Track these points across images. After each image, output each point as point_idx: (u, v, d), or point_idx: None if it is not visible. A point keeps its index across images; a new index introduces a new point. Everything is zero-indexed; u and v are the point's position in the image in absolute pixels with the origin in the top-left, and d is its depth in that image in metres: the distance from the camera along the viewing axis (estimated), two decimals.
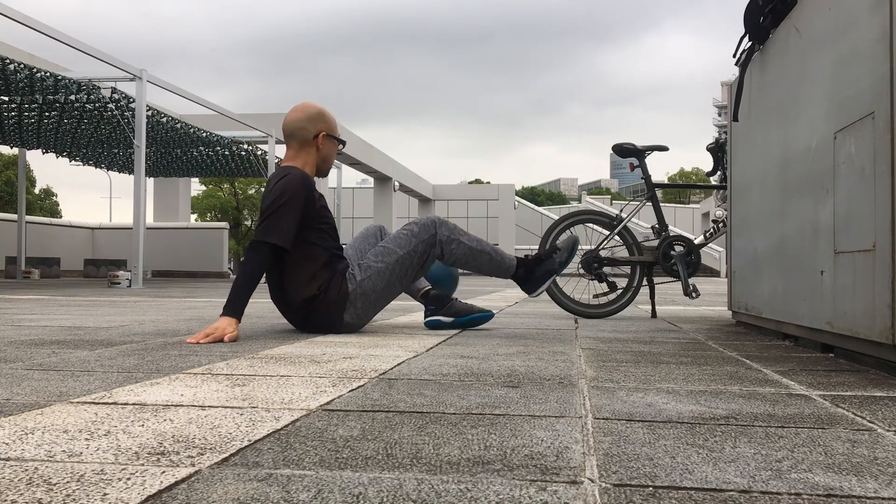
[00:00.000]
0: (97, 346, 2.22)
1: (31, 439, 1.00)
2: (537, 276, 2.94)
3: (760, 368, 1.85)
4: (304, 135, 2.78)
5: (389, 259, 2.73)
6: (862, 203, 1.81)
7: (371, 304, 2.74)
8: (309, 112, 2.82)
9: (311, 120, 2.80)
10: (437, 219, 2.83)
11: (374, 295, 2.72)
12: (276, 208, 2.57)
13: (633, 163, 3.87)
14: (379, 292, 2.73)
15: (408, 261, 2.75)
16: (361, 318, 2.75)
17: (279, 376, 1.61)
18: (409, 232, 2.78)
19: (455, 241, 2.80)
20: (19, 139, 11.10)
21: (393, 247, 2.76)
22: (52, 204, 42.73)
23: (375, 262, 2.74)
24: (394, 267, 2.73)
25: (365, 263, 2.74)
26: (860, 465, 0.92)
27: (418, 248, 2.76)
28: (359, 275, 2.70)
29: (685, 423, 1.16)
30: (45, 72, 7.66)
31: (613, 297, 3.81)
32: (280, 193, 2.60)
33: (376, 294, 2.73)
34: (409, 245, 2.76)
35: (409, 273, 2.78)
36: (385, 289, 2.74)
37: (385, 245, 2.78)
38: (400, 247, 2.76)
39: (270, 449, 0.97)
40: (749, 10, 2.80)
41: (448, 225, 2.83)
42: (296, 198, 2.60)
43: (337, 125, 2.89)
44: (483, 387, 1.50)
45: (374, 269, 2.72)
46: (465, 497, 0.77)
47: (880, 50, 1.71)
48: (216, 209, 40.26)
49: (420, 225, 2.80)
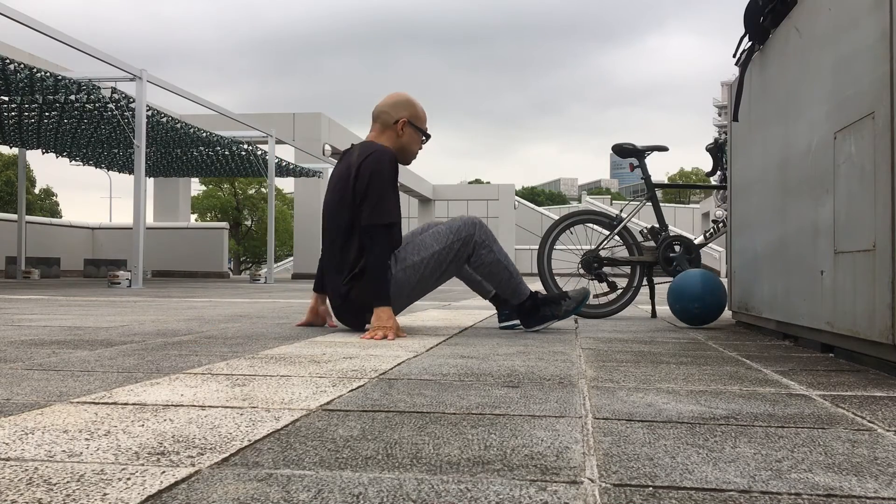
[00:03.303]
0: (97, 346, 2.22)
1: (31, 439, 1.00)
2: (540, 314, 2.92)
3: (760, 368, 1.85)
4: (385, 118, 2.83)
5: (425, 253, 2.76)
6: (862, 203, 1.81)
7: (403, 296, 2.77)
8: (396, 98, 2.87)
9: (396, 106, 2.84)
10: (478, 221, 2.85)
11: (406, 288, 2.75)
12: (376, 189, 2.61)
13: (633, 163, 3.87)
14: (413, 285, 2.77)
15: (443, 257, 2.77)
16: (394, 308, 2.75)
17: (279, 376, 1.61)
18: (448, 228, 2.81)
19: (487, 248, 2.81)
20: (19, 139, 11.09)
21: (430, 241, 2.78)
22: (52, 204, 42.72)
23: (412, 255, 2.76)
24: (428, 261, 2.76)
25: (401, 255, 2.76)
26: (860, 465, 0.92)
27: (454, 245, 2.77)
28: (394, 267, 2.73)
29: (685, 423, 1.16)
30: (45, 72, 7.66)
31: (613, 297, 3.81)
32: (374, 172, 2.63)
33: (409, 287, 2.76)
34: (446, 241, 2.78)
35: (443, 268, 2.79)
36: (418, 283, 2.78)
37: (423, 239, 2.80)
38: (437, 242, 2.78)
39: (270, 449, 0.97)
40: (749, 10, 2.80)
41: (486, 230, 2.84)
42: (388, 174, 2.65)
43: (426, 118, 2.91)
44: (483, 387, 1.50)
45: (409, 262, 2.75)
46: (465, 497, 0.77)
47: (880, 50, 1.71)
48: (216, 209, 40.24)
49: (461, 221, 2.83)
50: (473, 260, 2.81)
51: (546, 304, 2.92)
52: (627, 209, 4.03)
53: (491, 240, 2.83)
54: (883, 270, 1.68)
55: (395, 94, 2.90)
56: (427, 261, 2.75)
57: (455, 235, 2.78)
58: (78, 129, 10.38)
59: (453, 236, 2.78)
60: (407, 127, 2.83)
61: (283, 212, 37.10)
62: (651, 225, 3.89)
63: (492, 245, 2.82)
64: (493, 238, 2.85)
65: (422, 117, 2.89)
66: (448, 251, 2.77)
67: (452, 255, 2.78)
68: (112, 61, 7.91)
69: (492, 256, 2.81)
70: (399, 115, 2.82)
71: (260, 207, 39.75)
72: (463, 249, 2.78)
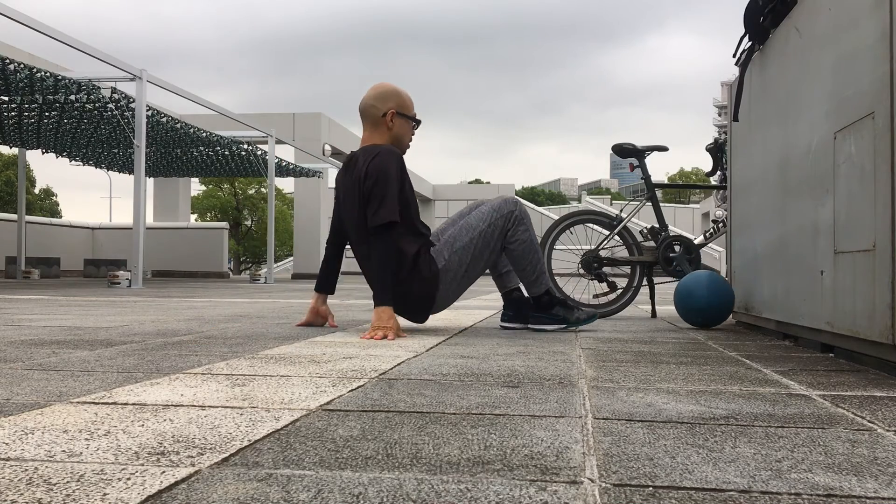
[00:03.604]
0: (97, 346, 2.22)
1: (31, 439, 1.00)
2: (552, 313, 2.92)
3: (760, 368, 1.85)
4: (373, 113, 2.82)
5: (473, 233, 2.82)
6: (862, 203, 1.81)
7: (458, 279, 2.83)
8: (379, 90, 2.85)
9: (381, 98, 2.82)
10: (518, 199, 2.92)
11: (461, 270, 2.81)
12: (379, 193, 2.63)
13: (632, 163, 3.87)
14: (466, 266, 2.82)
15: (489, 235, 2.82)
16: (450, 295, 2.85)
17: (279, 376, 1.61)
18: (490, 206, 2.87)
19: (524, 227, 2.86)
20: (19, 139, 11.09)
21: (476, 222, 2.84)
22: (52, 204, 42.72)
23: (461, 237, 2.82)
24: (477, 241, 2.82)
25: (449, 240, 2.82)
26: (860, 465, 0.92)
27: (498, 222, 2.83)
28: (446, 252, 2.79)
29: (685, 423, 1.16)
30: (45, 72, 7.66)
31: (613, 297, 3.81)
32: (379, 175, 2.64)
33: (463, 269, 2.81)
34: (490, 218, 2.83)
35: (490, 247, 2.84)
36: (471, 264, 2.83)
37: (468, 221, 2.86)
38: (482, 221, 2.83)
39: (270, 449, 0.97)
40: (749, 10, 2.80)
41: (525, 209, 2.90)
42: (393, 176, 2.66)
43: (412, 104, 2.90)
44: (483, 387, 1.50)
45: (459, 244, 2.81)
46: (465, 497, 0.77)
47: (880, 50, 1.71)
48: (216, 209, 40.24)
49: (502, 199, 2.89)
50: (510, 235, 2.84)
51: (561, 306, 2.93)
52: (627, 209, 4.03)
53: (528, 220, 2.89)
54: (883, 270, 1.68)
55: (377, 85, 2.87)
56: (475, 240, 2.81)
57: (497, 212, 2.83)
58: (78, 129, 10.38)
59: (496, 213, 2.83)
60: (396, 118, 2.81)
61: (283, 212, 37.10)
62: (651, 225, 3.89)
63: (528, 225, 2.88)
64: (530, 219, 2.90)
65: (408, 104, 2.87)
66: (493, 228, 2.82)
67: (497, 232, 2.83)
68: (112, 61, 7.91)
69: (527, 235, 2.86)
70: (386, 107, 2.80)
71: (260, 207, 39.76)
72: (505, 225, 2.84)
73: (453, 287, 2.83)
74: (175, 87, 9.22)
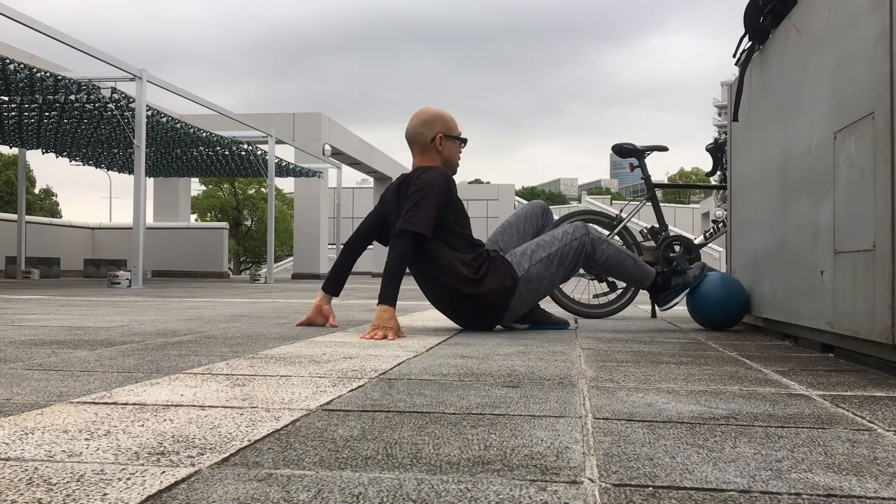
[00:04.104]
0: (97, 346, 2.22)
1: (31, 439, 1.00)
2: (673, 286, 3.10)
3: (760, 368, 1.85)
4: (422, 140, 2.91)
5: (552, 249, 2.90)
6: (862, 203, 1.81)
7: (534, 291, 2.88)
8: (423, 117, 2.94)
9: (427, 124, 2.92)
10: (588, 225, 3.01)
11: (538, 283, 2.87)
12: (417, 199, 2.69)
13: (632, 163, 3.87)
14: (543, 280, 2.88)
15: (566, 254, 2.91)
16: (523, 305, 2.89)
17: (279, 376, 1.61)
18: (564, 231, 2.96)
19: (605, 242, 2.97)
20: (19, 139, 11.09)
21: (550, 240, 2.93)
22: (52, 204, 42.71)
23: (538, 251, 2.90)
24: (554, 257, 2.90)
25: (527, 252, 2.90)
26: (860, 465, 0.92)
27: (573, 244, 2.92)
28: (525, 263, 2.86)
29: (685, 423, 1.16)
30: (45, 72, 7.66)
31: (613, 297, 3.81)
32: (423, 185, 2.72)
33: (540, 281, 2.87)
34: (565, 240, 2.92)
35: (566, 267, 2.93)
36: (548, 279, 2.90)
37: (544, 238, 2.95)
38: (558, 240, 2.93)
39: (270, 449, 0.97)
40: (749, 10, 2.80)
41: (596, 233, 2.99)
42: (437, 189, 2.72)
43: (455, 123, 2.97)
44: (483, 387, 1.50)
45: (540, 256, 2.88)
46: (465, 497, 0.77)
47: (880, 50, 1.71)
48: (216, 209, 40.24)
49: (572, 225, 2.98)
50: (598, 255, 2.94)
51: (675, 275, 3.11)
52: (627, 209, 4.03)
53: (600, 237, 2.98)
54: (883, 270, 1.68)
55: (421, 111, 2.98)
56: (553, 257, 2.89)
57: (571, 236, 2.92)
58: (78, 129, 10.38)
59: (570, 237, 2.92)
60: (445, 140, 2.91)
61: (283, 212, 37.10)
62: (651, 225, 3.89)
63: (606, 239, 2.99)
64: (603, 237, 3.00)
65: (453, 126, 2.96)
66: (568, 249, 2.91)
67: (572, 254, 2.92)
68: (112, 61, 7.91)
69: (612, 249, 2.97)
70: (434, 132, 2.90)
71: (260, 207, 39.76)
72: (581, 249, 2.92)
73: (527, 298, 2.88)
74: (175, 87, 9.22)
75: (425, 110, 2.98)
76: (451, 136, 2.93)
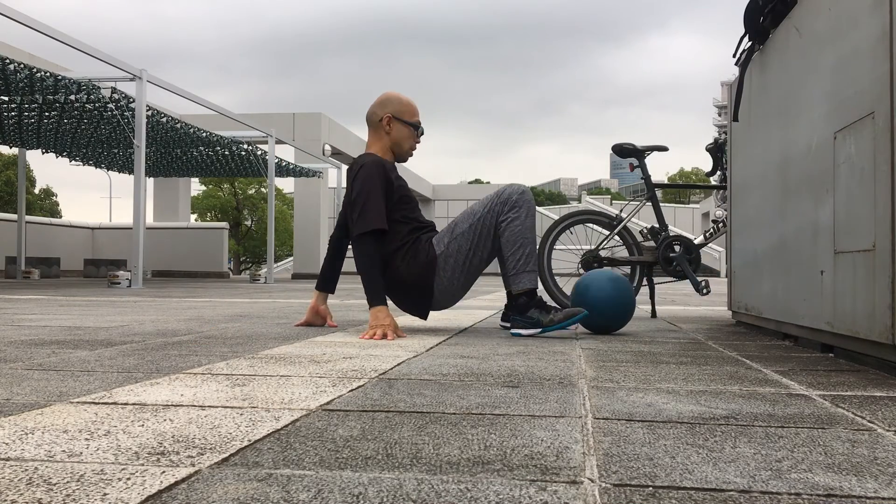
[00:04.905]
0: (97, 346, 2.22)
1: (31, 439, 1.00)
2: (527, 316, 2.69)
3: (760, 368, 1.85)
4: (373, 119, 2.88)
5: (473, 219, 2.74)
6: (862, 203, 1.81)
7: (460, 268, 2.73)
8: (381, 97, 2.92)
9: (381, 104, 2.88)
10: (526, 189, 2.77)
11: (461, 257, 2.72)
12: (363, 200, 2.65)
13: (632, 163, 3.87)
14: (466, 254, 2.72)
15: (488, 220, 2.72)
16: (452, 284, 2.75)
17: (279, 376, 1.61)
18: (496, 192, 2.78)
19: (518, 213, 2.69)
20: (19, 139, 11.10)
21: (478, 207, 2.77)
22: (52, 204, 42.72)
23: (461, 223, 2.76)
24: (476, 226, 2.73)
25: (450, 226, 2.79)
26: (860, 465, 0.92)
27: (496, 207, 2.72)
28: (446, 238, 2.75)
29: (685, 423, 1.16)
30: (45, 72, 7.66)
31: None
32: (361, 185, 2.68)
33: (463, 256, 2.72)
34: (490, 204, 2.74)
35: (493, 234, 2.72)
36: (471, 251, 2.72)
37: (471, 207, 2.81)
38: (483, 206, 2.76)
39: (270, 449, 0.97)
40: (749, 10, 2.80)
41: (528, 200, 2.74)
42: (373, 181, 2.67)
43: (413, 110, 2.90)
44: (483, 387, 1.50)
45: (459, 230, 2.75)
46: (465, 497, 0.77)
47: (880, 50, 1.71)
48: (216, 209, 40.24)
49: (508, 186, 2.77)
50: (501, 220, 2.71)
51: (538, 308, 2.68)
52: (627, 209, 4.03)
53: (527, 210, 2.72)
54: (883, 270, 1.68)
55: (383, 93, 2.95)
56: (475, 226, 2.73)
57: (498, 197, 2.74)
58: (78, 129, 10.38)
59: (497, 198, 2.74)
60: (392, 122, 2.84)
61: (283, 212, 37.11)
62: (651, 225, 3.89)
63: (525, 216, 2.71)
64: (531, 211, 2.74)
65: (407, 111, 2.88)
66: (491, 214, 2.73)
67: (495, 218, 2.72)
68: (112, 61, 7.91)
69: (517, 223, 2.69)
70: (383, 113, 2.85)
71: (260, 207, 39.76)
72: (501, 210, 2.71)
73: (456, 275, 2.73)
74: (175, 87, 9.22)
75: (386, 93, 2.94)
76: (402, 119, 2.85)
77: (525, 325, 2.69)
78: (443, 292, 2.77)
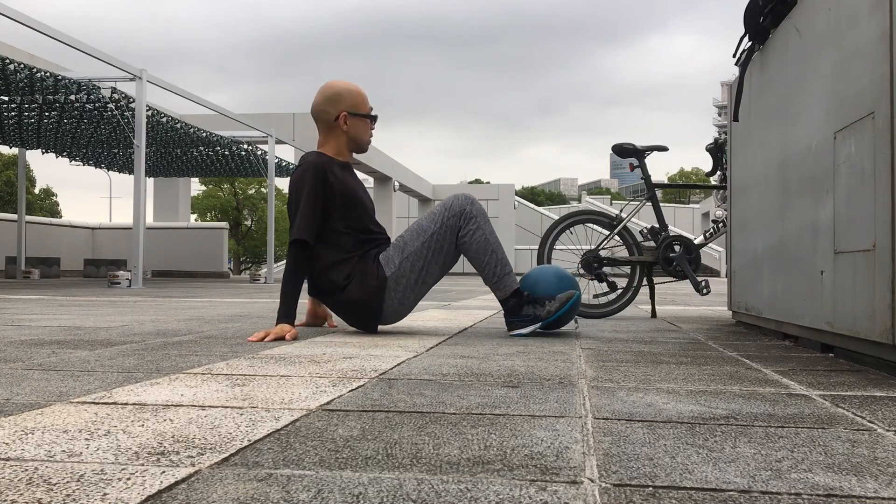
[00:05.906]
0: (97, 346, 2.22)
1: (31, 439, 1.00)
2: (523, 314, 2.66)
3: (760, 368, 1.85)
4: (326, 118, 2.74)
5: (425, 236, 2.64)
6: (862, 203, 1.81)
7: (412, 286, 2.65)
8: (327, 93, 2.75)
9: (331, 101, 2.73)
10: (472, 196, 2.70)
11: (413, 276, 2.63)
12: (295, 208, 2.59)
13: (632, 163, 3.87)
14: (419, 273, 2.64)
15: (441, 237, 2.64)
16: (405, 304, 2.67)
17: (279, 376, 1.61)
18: (442, 205, 2.68)
19: (476, 224, 2.63)
20: (19, 139, 11.09)
21: (427, 224, 2.66)
22: (52, 204, 42.73)
23: (412, 241, 2.65)
24: (429, 244, 2.63)
25: (399, 244, 2.67)
26: (860, 465, 0.92)
27: (449, 221, 2.64)
28: (397, 258, 2.64)
29: (685, 423, 1.16)
30: (45, 72, 7.65)
31: (613, 297, 3.81)
32: (295, 190, 2.62)
33: (415, 275, 2.64)
34: (441, 219, 2.65)
35: (444, 249, 2.65)
36: (424, 269, 2.64)
37: (420, 223, 2.69)
38: (433, 222, 2.65)
39: (270, 449, 0.97)
40: (749, 10, 2.80)
41: (479, 206, 2.69)
42: (307, 187, 2.58)
43: (364, 99, 2.78)
44: (483, 387, 1.50)
45: (410, 249, 2.64)
46: (465, 497, 0.77)
47: (880, 50, 1.71)
48: (216, 209, 40.25)
49: (454, 197, 2.69)
50: (461, 235, 2.63)
51: (530, 304, 2.66)
52: (627, 209, 4.03)
53: (483, 218, 2.66)
54: (883, 270, 1.68)
55: (325, 86, 2.78)
56: (428, 244, 2.62)
57: (449, 211, 2.64)
58: (78, 129, 10.38)
59: (447, 212, 2.64)
60: (350, 119, 2.73)
61: (283, 212, 37.10)
62: (651, 225, 3.89)
63: (483, 223, 2.65)
64: (485, 217, 2.68)
65: (360, 102, 2.76)
66: (444, 229, 2.63)
67: (449, 233, 2.63)
68: (112, 61, 7.91)
69: (479, 234, 2.63)
70: (338, 111, 2.72)
71: (260, 207, 39.76)
72: (457, 224, 2.64)
73: (408, 295, 2.66)
74: (175, 87, 9.22)
75: (329, 85, 2.77)
76: (358, 113, 2.74)
77: (523, 324, 2.67)
78: (393, 311, 2.68)
